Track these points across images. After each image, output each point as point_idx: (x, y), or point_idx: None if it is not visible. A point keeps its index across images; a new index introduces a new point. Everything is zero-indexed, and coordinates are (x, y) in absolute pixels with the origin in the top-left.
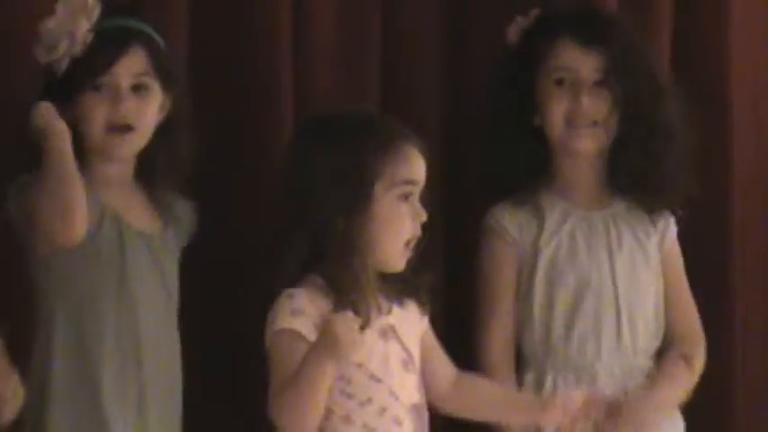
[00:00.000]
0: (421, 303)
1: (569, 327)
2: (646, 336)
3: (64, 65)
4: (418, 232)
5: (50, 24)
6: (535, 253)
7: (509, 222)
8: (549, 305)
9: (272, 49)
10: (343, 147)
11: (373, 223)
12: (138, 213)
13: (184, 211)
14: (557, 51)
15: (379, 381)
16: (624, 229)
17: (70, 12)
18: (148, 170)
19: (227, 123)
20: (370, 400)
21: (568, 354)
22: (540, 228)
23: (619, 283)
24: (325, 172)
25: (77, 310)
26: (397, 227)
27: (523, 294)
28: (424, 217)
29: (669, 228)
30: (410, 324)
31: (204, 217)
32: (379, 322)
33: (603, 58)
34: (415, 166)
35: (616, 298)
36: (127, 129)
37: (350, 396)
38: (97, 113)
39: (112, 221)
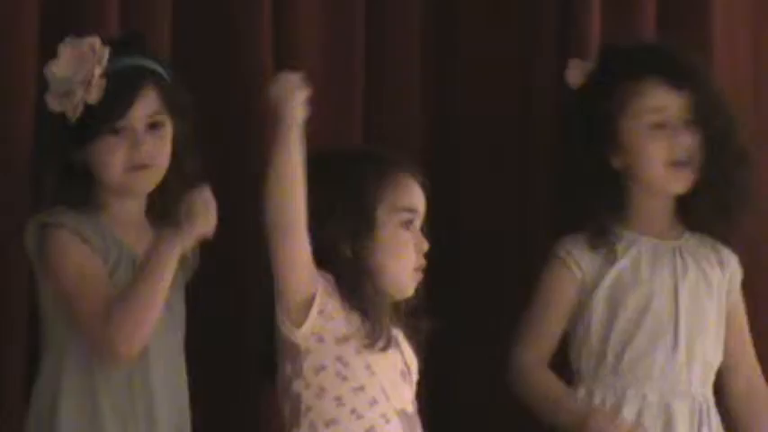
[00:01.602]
0: (416, 349)
1: (625, 346)
2: (703, 365)
3: (78, 112)
4: (423, 262)
5: (58, 71)
6: (600, 276)
7: (580, 257)
8: (609, 324)
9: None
10: (342, 178)
11: (379, 249)
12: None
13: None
14: (646, 92)
15: (373, 373)
16: (690, 261)
17: (78, 57)
18: (162, 202)
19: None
20: (362, 388)
21: (619, 372)
22: (608, 255)
23: (681, 308)
24: (328, 204)
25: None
26: (402, 253)
27: (581, 312)
28: (425, 246)
29: (737, 277)
30: (413, 358)
31: None
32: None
33: (690, 96)
34: (415, 196)
35: (676, 322)
36: (146, 167)
37: (344, 379)
38: (116, 156)
39: (128, 263)
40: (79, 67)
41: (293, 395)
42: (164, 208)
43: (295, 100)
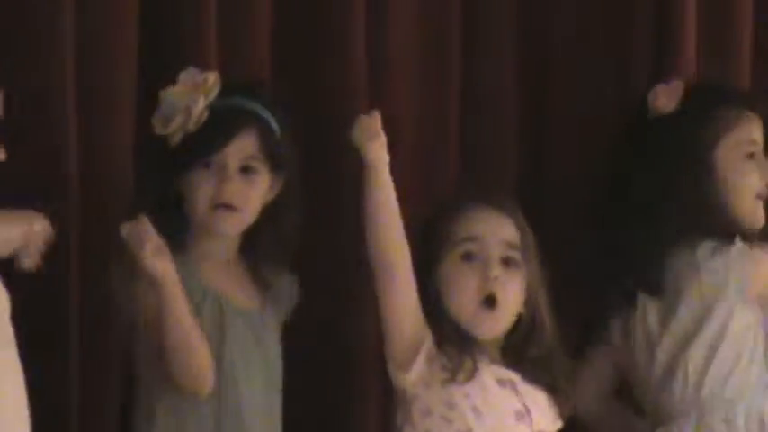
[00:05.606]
0: (557, 403)
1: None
2: None
3: (177, 139)
4: (491, 290)
5: (169, 96)
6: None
7: None
8: None
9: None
10: None
11: (440, 283)
12: (238, 290)
13: (285, 286)
14: (745, 125)
15: (480, 414)
16: None
17: (190, 86)
18: (252, 248)
19: None
20: (470, 430)
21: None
22: None
23: None
24: None
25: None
26: (460, 285)
27: None
28: (492, 273)
29: None
30: (539, 406)
31: None
32: (497, 372)
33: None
34: (475, 224)
35: None
36: (231, 209)
37: (449, 422)
38: (204, 191)
39: (214, 301)
40: (186, 95)
41: None
42: (255, 260)
43: (377, 141)
